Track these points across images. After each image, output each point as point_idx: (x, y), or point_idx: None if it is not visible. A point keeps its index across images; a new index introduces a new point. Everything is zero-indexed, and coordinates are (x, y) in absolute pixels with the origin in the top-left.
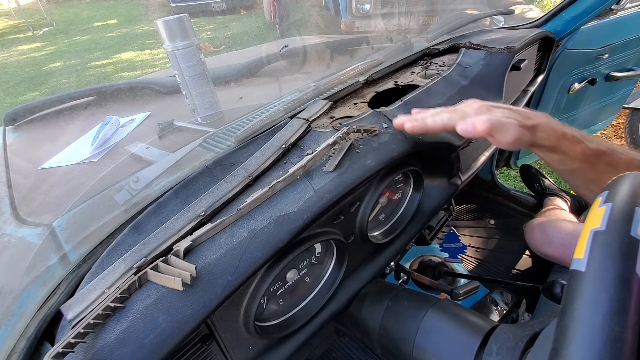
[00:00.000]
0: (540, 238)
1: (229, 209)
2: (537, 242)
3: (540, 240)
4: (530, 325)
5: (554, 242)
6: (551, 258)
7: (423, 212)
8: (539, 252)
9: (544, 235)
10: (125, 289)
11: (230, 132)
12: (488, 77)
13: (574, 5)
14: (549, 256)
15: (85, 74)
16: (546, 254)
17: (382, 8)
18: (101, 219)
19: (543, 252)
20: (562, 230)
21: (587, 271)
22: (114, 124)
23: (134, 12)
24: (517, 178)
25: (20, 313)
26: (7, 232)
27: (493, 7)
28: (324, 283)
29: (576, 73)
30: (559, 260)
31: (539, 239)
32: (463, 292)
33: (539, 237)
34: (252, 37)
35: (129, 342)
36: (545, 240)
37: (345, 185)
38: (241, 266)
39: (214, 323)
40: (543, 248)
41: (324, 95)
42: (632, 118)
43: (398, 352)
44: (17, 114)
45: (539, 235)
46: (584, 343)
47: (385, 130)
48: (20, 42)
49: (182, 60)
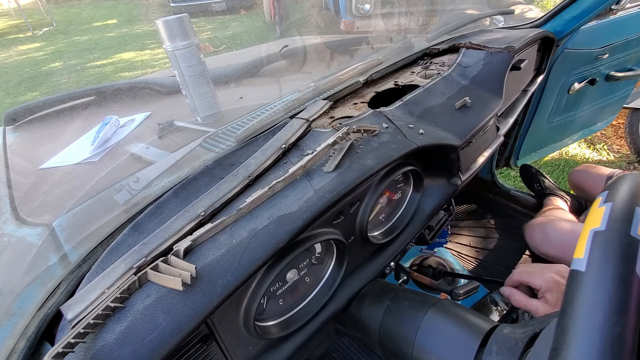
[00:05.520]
0: (540, 238)
1: (229, 209)
2: (537, 242)
3: (540, 240)
4: (530, 325)
5: (554, 242)
6: (551, 258)
7: (423, 212)
8: (539, 252)
9: (544, 235)
10: (125, 289)
11: (230, 132)
12: (488, 77)
13: (574, 5)
14: (549, 256)
15: (85, 74)
16: (546, 253)
17: (382, 8)
18: (101, 219)
19: (543, 252)
20: (562, 230)
21: (587, 271)
22: (114, 124)
23: (134, 12)
24: (517, 178)
25: (20, 313)
26: (7, 232)
27: (493, 7)
28: (324, 283)
29: (576, 73)
30: (559, 260)
31: (539, 239)
32: (463, 292)
33: (539, 237)
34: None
35: (129, 342)
36: (545, 240)
37: (345, 185)
38: (241, 266)
39: (214, 323)
40: (543, 248)
41: (324, 95)
42: (632, 118)
43: (398, 352)
44: (17, 114)
45: (539, 235)
46: (584, 343)
47: (385, 130)
48: (20, 42)
49: (182, 60)
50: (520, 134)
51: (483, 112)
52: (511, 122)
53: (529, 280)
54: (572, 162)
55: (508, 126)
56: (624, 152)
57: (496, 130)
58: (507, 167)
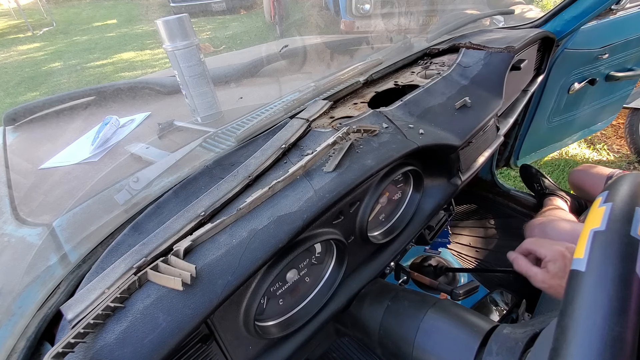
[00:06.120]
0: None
1: (229, 209)
2: None
3: None
4: (530, 325)
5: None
6: None
7: (423, 212)
8: None
9: (544, 235)
10: (125, 289)
11: (230, 132)
12: (488, 77)
13: (574, 5)
14: None
15: (85, 74)
16: None
17: (382, 8)
18: (101, 219)
19: None
20: (562, 230)
21: (587, 271)
22: (114, 124)
23: (134, 12)
24: (517, 178)
25: (20, 313)
26: (7, 232)
27: (493, 7)
28: (324, 283)
29: (576, 73)
30: None
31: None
32: (463, 292)
33: (538, 237)
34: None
35: (129, 342)
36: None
37: (345, 185)
38: (241, 266)
39: (214, 323)
40: None
41: (324, 95)
42: (632, 118)
43: (398, 352)
44: (17, 114)
45: (539, 235)
46: (583, 343)
47: (385, 130)
48: (20, 42)
49: (182, 60)
50: (520, 134)
51: (483, 112)
52: (511, 122)
53: (536, 249)
54: (572, 162)
55: (508, 126)
56: (624, 152)
57: (496, 130)
58: (507, 167)
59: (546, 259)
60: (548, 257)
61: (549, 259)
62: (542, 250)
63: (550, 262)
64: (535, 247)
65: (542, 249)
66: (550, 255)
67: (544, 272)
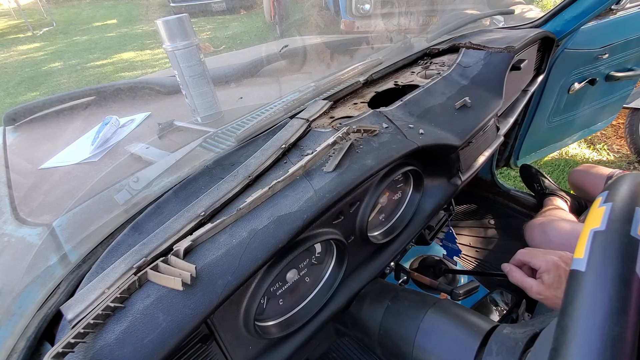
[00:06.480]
0: (540, 238)
1: (229, 209)
2: (537, 242)
3: (540, 240)
4: (530, 325)
5: (554, 242)
6: None
7: (423, 212)
8: None
9: (544, 235)
10: (125, 289)
11: (230, 132)
12: (488, 77)
13: (574, 5)
14: None
15: (85, 74)
16: None
17: (382, 8)
18: (101, 219)
19: None
20: (562, 230)
21: (587, 271)
22: (114, 124)
23: (134, 12)
24: (517, 178)
25: (20, 313)
26: (7, 232)
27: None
28: (324, 283)
29: (576, 73)
30: None
31: (539, 239)
32: (463, 292)
33: (539, 237)
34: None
35: (129, 342)
36: (545, 240)
37: (345, 185)
38: (241, 266)
39: (214, 323)
40: (543, 248)
41: (324, 95)
42: (632, 118)
43: (398, 352)
44: (17, 114)
45: (539, 235)
46: (584, 343)
47: (385, 130)
48: (20, 42)
49: (182, 60)
50: (520, 134)
51: (483, 112)
52: (511, 122)
53: (530, 260)
54: (572, 162)
55: (508, 126)
56: (624, 152)
57: (496, 130)
58: (507, 167)
59: (540, 269)
60: (542, 268)
61: (543, 269)
62: (536, 261)
63: (545, 272)
64: (528, 258)
65: (535, 259)
66: (544, 266)
67: (539, 283)
